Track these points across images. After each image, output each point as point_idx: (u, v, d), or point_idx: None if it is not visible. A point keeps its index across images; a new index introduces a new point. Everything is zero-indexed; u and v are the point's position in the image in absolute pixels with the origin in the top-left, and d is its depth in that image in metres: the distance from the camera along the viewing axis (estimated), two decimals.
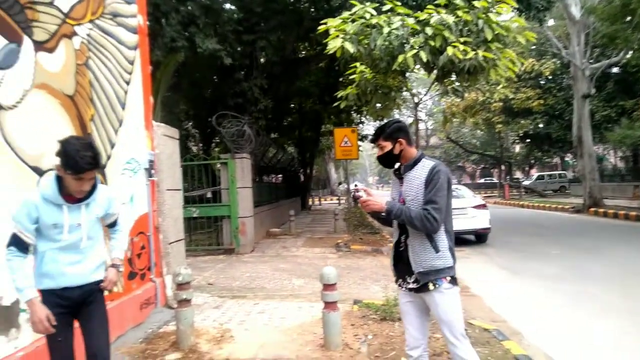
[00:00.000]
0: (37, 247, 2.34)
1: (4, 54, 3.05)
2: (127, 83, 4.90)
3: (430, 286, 2.45)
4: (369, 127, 46.07)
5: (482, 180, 46.58)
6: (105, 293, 2.50)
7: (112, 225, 2.72)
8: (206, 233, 10.65)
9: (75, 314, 2.47)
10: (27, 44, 3.29)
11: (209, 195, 10.58)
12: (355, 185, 3.02)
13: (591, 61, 18.78)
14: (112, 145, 4.50)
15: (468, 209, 10.15)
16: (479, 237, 10.50)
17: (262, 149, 12.52)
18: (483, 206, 10.48)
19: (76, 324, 2.51)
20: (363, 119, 22.86)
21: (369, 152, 69.53)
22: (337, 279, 3.94)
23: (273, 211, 14.25)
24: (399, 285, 2.67)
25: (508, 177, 34.04)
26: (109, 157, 4.42)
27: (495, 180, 35.93)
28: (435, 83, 4.05)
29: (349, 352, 3.84)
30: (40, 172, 3.37)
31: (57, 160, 2.26)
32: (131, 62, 4.98)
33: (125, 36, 4.86)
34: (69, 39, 3.83)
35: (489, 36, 3.46)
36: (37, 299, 2.23)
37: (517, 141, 34.02)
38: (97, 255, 2.52)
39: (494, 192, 32.18)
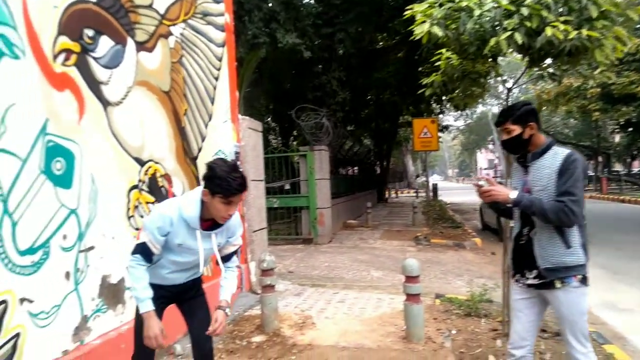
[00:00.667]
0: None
1: (111, 54, 3.34)
2: (216, 79, 5.16)
3: (557, 284, 2.29)
4: (449, 117, 44.49)
5: None
6: (210, 329, 2.29)
7: (227, 259, 2.50)
8: (285, 223, 10.98)
9: (175, 301, 2.52)
10: (130, 44, 3.58)
11: (287, 187, 10.87)
12: (479, 180, 2.93)
13: None
14: (203, 138, 4.77)
15: None
16: None
17: (339, 141, 12.59)
18: None
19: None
20: (444, 108, 22.02)
21: (448, 143, 67.23)
22: (419, 270, 3.85)
23: (350, 203, 14.30)
24: (516, 281, 2.51)
25: (606, 169, 31.10)
26: (200, 149, 4.69)
27: (591, 173, 33.06)
28: (530, 68, 3.76)
29: (432, 345, 3.76)
30: (141, 162, 3.67)
31: (203, 185, 2.20)
32: (219, 59, 5.24)
33: (214, 34, 5.11)
34: (165, 39, 4.11)
35: (594, 13, 3.13)
36: (154, 312, 2.21)
37: (617, 130, 30.90)
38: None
39: (589, 186, 29.61)
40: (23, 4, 2.59)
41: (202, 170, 4.61)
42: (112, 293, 3.25)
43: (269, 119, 20.15)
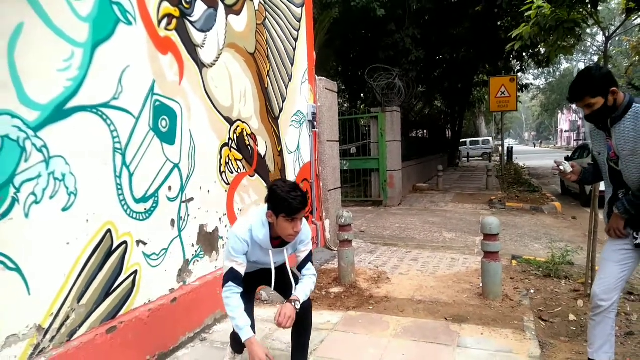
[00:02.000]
0: None
1: (205, 18, 3.55)
2: (295, 40, 5.27)
3: None
4: (529, 75, 41.51)
5: None
6: (275, 322, 2.29)
7: (302, 266, 2.51)
8: (355, 187, 11.11)
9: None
10: (220, 8, 3.76)
11: (353, 150, 10.89)
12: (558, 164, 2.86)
13: None
14: (284, 99, 4.95)
15: None
16: None
17: (411, 102, 12.33)
18: None
19: None
20: (525, 65, 20.56)
21: (526, 104, 63.05)
22: (499, 229, 3.84)
23: (420, 166, 14.12)
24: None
25: None
26: (281, 110, 4.88)
27: None
28: (629, 15, 3.48)
29: (509, 302, 3.79)
30: (230, 121, 3.92)
31: (267, 207, 2.28)
32: (298, 20, 5.32)
33: None
34: (250, 1, 4.26)
35: None
36: (255, 338, 2.25)
37: None
38: None
39: None
40: None
41: (283, 130, 4.84)
42: (208, 241, 3.59)
43: (339, 81, 20.06)
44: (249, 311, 2.44)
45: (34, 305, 2.22)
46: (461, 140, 30.61)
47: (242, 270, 2.32)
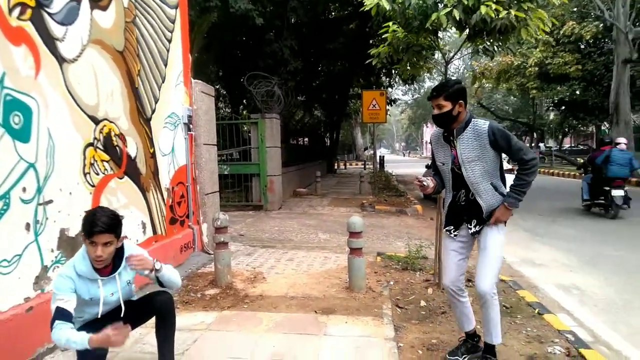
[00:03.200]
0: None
1: (66, 11, 3.35)
2: (169, 41, 5.18)
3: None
4: (398, 91, 45.44)
5: None
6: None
7: (159, 280, 2.50)
8: (236, 192, 11.10)
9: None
10: (84, 2, 3.58)
11: (236, 155, 10.95)
12: (420, 179, 3.21)
13: (637, 24, 17.96)
14: (156, 100, 4.83)
15: None
16: None
17: (290, 110, 12.73)
18: (509, 171, 10.55)
19: None
20: (393, 82, 22.57)
21: (397, 117, 68.73)
22: (362, 227, 4.24)
23: (300, 172, 14.60)
24: (455, 235, 2.83)
25: (540, 144, 33.27)
26: (153, 111, 4.76)
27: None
28: (467, 42, 4.15)
29: (372, 294, 4.19)
30: (96, 120, 3.74)
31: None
32: (172, 21, 5.24)
33: None
34: None
35: None
36: (92, 335, 2.08)
37: (551, 108, 33.01)
38: None
39: None
40: None
41: (155, 131, 4.72)
42: (70, 245, 3.36)
43: (219, 86, 19.83)
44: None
45: None
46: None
47: (68, 306, 2.21)
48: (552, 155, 27.42)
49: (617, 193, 8.43)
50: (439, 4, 3.72)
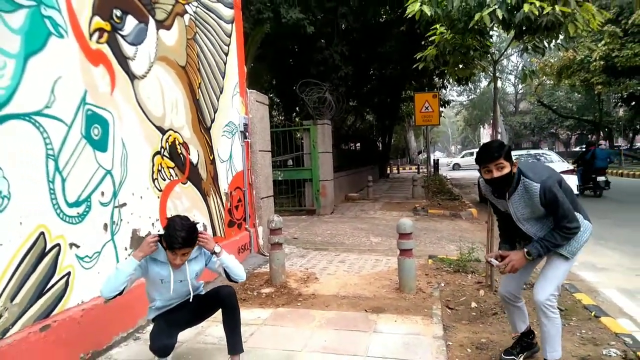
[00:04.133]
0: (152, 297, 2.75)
1: (136, 32, 3.72)
2: (226, 54, 5.52)
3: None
4: (453, 92, 44.41)
5: (577, 149, 43.22)
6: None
7: (227, 275, 2.77)
8: (289, 197, 11.42)
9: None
10: (151, 23, 3.95)
11: (290, 162, 11.27)
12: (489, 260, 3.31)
13: None
14: (215, 110, 5.17)
15: None
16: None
17: (342, 115, 12.91)
18: (571, 172, 10.14)
19: None
20: (446, 83, 22.18)
21: (451, 119, 67.05)
22: (412, 229, 4.31)
23: (351, 177, 14.73)
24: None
25: (607, 143, 31.26)
26: (212, 121, 5.09)
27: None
28: (514, 41, 4.14)
29: (422, 295, 4.24)
30: (162, 131, 4.09)
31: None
32: (228, 35, 5.58)
33: (223, 11, 5.45)
34: (180, 17, 4.47)
35: None
36: (134, 252, 2.57)
37: (620, 104, 30.91)
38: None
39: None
40: None
41: (214, 139, 5.05)
42: (140, 245, 3.70)
43: (272, 94, 20.42)
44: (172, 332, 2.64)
45: None
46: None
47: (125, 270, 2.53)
48: (622, 155, 25.71)
49: (600, 179, 11.77)
50: (483, 4, 3.74)
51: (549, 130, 44.49)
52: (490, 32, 4.57)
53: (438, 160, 26.76)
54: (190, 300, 2.74)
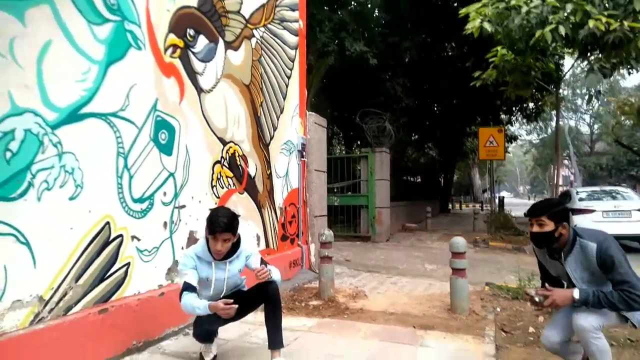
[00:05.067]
0: None
1: (206, 50, 4.06)
2: (288, 77, 5.81)
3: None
4: (522, 131, 42.76)
5: None
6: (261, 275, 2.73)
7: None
8: (345, 225, 11.40)
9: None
10: (220, 43, 4.29)
11: (349, 193, 11.33)
12: (529, 293, 3.16)
13: None
14: (275, 129, 5.41)
15: (633, 211, 9.12)
16: None
17: (402, 146, 12.89)
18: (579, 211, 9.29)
19: None
20: (514, 119, 21.52)
21: (519, 158, 64.35)
22: (465, 248, 4.18)
23: (410, 208, 14.49)
24: None
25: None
26: (272, 138, 5.34)
27: None
28: (578, 61, 4.02)
29: (475, 317, 4.05)
30: (223, 142, 4.35)
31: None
32: (292, 60, 5.89)
33: (288, 38, 5.78)
34: (248, 40, 4.81)
35: (638, 6, 3.37)
36: (209, 302, 2.59)
37: None
38: None
39: None
40: (146, 7, 3.34)
41: (273, 156, 5.26)
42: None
43: (334, 126, 20.84)
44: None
45: (37, 278, 2.53)
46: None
47: (193, 281, 2.69)
48: None
49: None
50: (545, 22, 3.69)
51: (628, 172, 41.25)
52: (553, 52, 4.48)
53: (503, 197, 25.66)
54: (224, 292, 2.84)
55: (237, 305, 2.56)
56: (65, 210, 2.70)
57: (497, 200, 20.39)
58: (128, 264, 3.17)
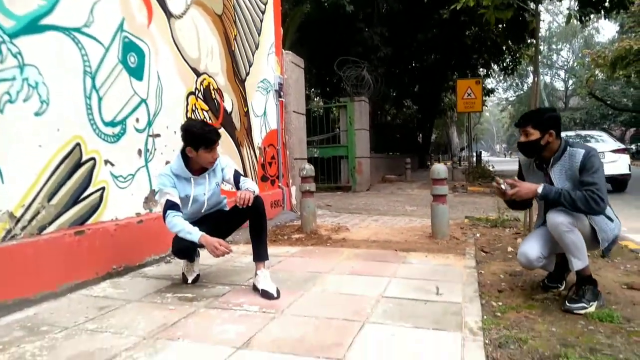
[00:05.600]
0: None
1: None
2: (262, 12, 5.58)
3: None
4: (499, 89, 43.00)
5: (632, 147, 40.83)
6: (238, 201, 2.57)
7: (237, 182, 2.81)
8: (326, 178, 11.36)
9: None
10: None
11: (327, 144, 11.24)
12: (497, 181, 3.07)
13: None
14: (250, 64, 5.23)
15: (606, 153, 9.33)
16: (618, 185, 9.60)
17: (380, 95, 12.78)
18: (623, 150, 9.54)
19: None
20: (490, 72, 21.53)
21: (496, 116, 65.03)
22: (446, 174, 4.20)
23: (389, 161, 14.55)
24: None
25: None
26: (247, 74, 5.16)
27: None
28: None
29: (455, 241, 4.12)
30: (197, 73, 4.17)
31: (185, 144, 2.62)
32: None
33: None
34: None
35: None
36: (205, 235, 2.50)
37: None
38: None
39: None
40: None
41: (249, 93, 5.11)
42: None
43: (312, 79, 20.46)
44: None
45: (6, 194, 2.41)
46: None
47: (176, 199, 2.60)
48: None
49: None
50: None
51: (601, 125, 42.20)
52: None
53: (481, 152, 26.02)
54: (205, 206, 2.78)
55: (231, 249, 2.53)
56: (31, 126, 2.56)
57: (474, 156, 20.71)
58: (103, 189, 3.06)
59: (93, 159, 2.98)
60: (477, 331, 1.99)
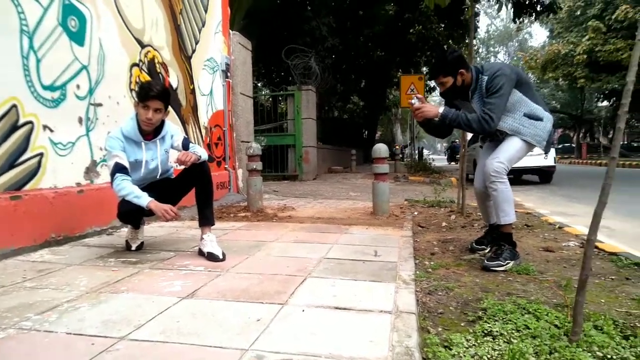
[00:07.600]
0: None
1: None
2: None
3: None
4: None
5: (559, 146, 43.96)
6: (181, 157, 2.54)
7: (186, 149, 2.75)
8: (272, 167, 11.37)
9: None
10: None
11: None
12: (413, 98, 3.14)
13: None
14: (197, 42, 5.18)
15: (535, 147, 10.03)
16: (544, 177, 10.35)
17: (327, 86, 12.94)
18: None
19: None
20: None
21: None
22: (386, 154, 4.40)
23: (336, 153, 14.79)
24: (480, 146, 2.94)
25: (587, 136, 31.84)
26: (193, 51, 5.11)
27: (574, 145, 33.86)
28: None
29: (394, 218, 4.33)
30: (141, 44, 4.09)
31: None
32: None
33: None
34: None
35: None
36: (154, 200, 2.49)
37: (601, 100, 31.53)
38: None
39: (571, 156, 30.41)
40: None
41: (195, 70, 5.06)
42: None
43: (260, 68, 20.29)
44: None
45: None
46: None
47: (124, 163, 2.55)
48: (601, 147, 26.29)
49: None
50: None
51: None
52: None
53: (423, 147, 27.04)
54: (159, 173, 2.78)
55: (181, 215, 2.48)
56: None
57: (416, 152, 21.53)
58: (41, 155, 2.95)
59: (31, 122, 2.87)
60: (410, 282, 2.15)
